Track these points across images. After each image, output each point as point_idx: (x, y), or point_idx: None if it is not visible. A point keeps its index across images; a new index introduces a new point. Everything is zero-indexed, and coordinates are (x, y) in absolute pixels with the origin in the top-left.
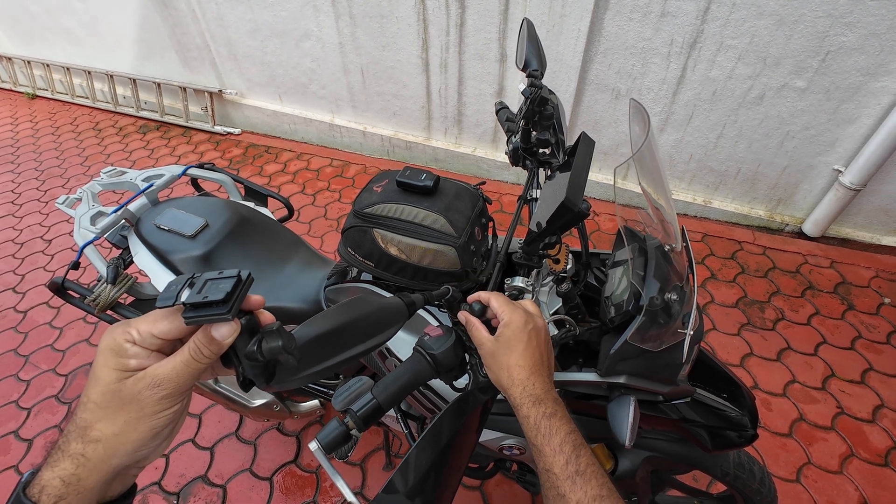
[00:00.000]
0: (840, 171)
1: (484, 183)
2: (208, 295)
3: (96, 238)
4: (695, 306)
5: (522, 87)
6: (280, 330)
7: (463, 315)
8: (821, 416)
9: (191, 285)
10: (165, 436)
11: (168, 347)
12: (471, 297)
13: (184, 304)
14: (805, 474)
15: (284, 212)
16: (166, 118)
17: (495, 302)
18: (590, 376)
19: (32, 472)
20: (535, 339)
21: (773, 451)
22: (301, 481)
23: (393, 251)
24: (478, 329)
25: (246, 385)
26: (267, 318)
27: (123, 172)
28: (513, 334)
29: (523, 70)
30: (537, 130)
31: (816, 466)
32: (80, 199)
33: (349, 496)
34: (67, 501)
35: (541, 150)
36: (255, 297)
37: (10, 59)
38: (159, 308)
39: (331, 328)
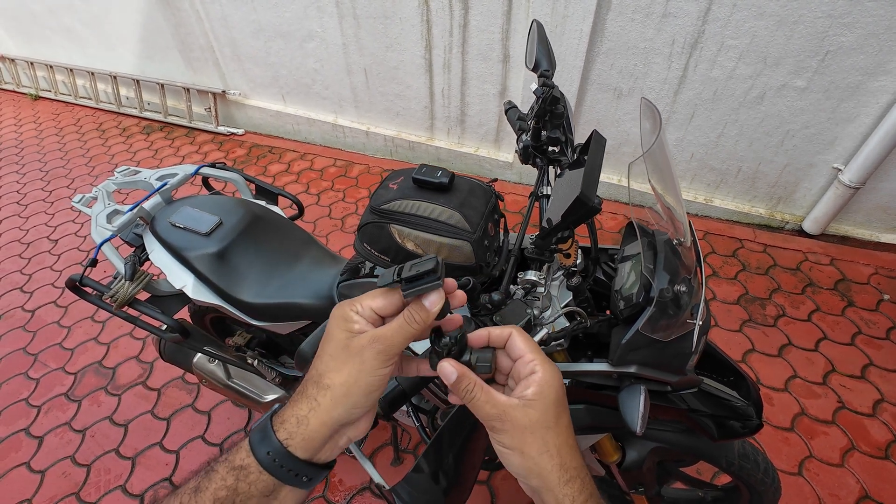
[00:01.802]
0: (839, 170)
1: (496, 180)
2: (419, 269)
3: (113, 235)
4: (703, 299)
5: (534, 86)
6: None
7: (451, 366)
8: (822, 410)
9: (400, 271)
10: (373, 401)
11: (380, 323)
12: (474, 336)
13: (402, 279)
14: (807, 467)
15: (294, 210)
16: (170, 119)
17: (522, 343)
18: (601, 366)
19: (279, 407)
20: (567, 404)
21: (775, 445)
22: None
23: (410, 246)
24: (488, 392)
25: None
26: (460, 296)
27: (137, 171)
28: (557, 398)
29: (533, 70)
30: (548, 129)
31: (818, 459)
32: (95, 198)
33: (376, 478)
34: (294, 441)
35: (551, 149)
36: (450, 280)
37: (12, 60)
38: (380, 287)
39: None
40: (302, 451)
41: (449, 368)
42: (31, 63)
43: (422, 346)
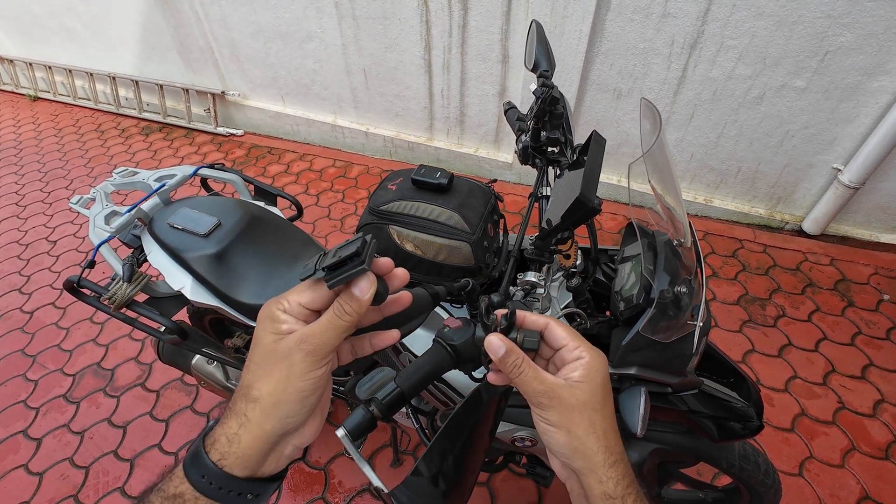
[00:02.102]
0: (839, 170)
1: (495, 181)
2: (341, 255)
3: (111, 237)
4: (703, 300)
5: (534, 86)
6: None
7: (498, 340)
8: (822, 410)
9: (323, 257)
10: (311, 406)
11: (313, 318)
12: (519, 316)
13: (323, 269)
14: (807, 468)
15: (293, 211)
16: (169, 120)
17: (563, 332)
18: None
19: (213, 425)
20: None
21: (775, 446)
22: (310, 478)
23: (409, 247)
24: (536, 369)
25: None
26: (400, 274)
27: (136, 172)
28: (604, 382)
29: (533, 71)
30: (547, 129)
31: (818, 460)
32: (93, 199)
33: (375, 481)
34: (229, 461)
35: (550, 149)
36: (384, 259)
37: (11, 61)
38: (302, 280)
39: None
40: (240, 469)
41: (497, 342)
42: (30, 64)
43: (422, 348)
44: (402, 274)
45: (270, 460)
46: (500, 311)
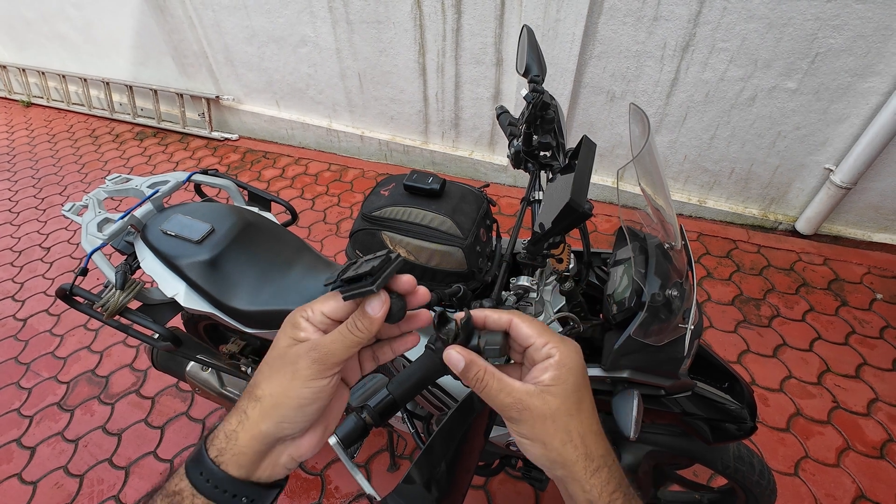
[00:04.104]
0: (831, 170)
1: (488, 185)
2: (359, 270)
3: (104, 244)
4: (695, 302)
5: (524, 91)
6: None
7: (458, 353)
8: (817, 410)
9: (350, 266)
10: (308, 416)
11: (335, 328)
12: (475, 315)
13: (341, 280)
14: (803, 468)
15: (287, 216)
16: (163, 125)
17: (528, 328)
18: (594, 371)
19: (218, 424)
20: (589, 383)
21: (771, 446)
22: (306, 484)
23: (401, 253)
24: (501, 380)
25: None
26: (421, 293)
27: (128, 179)
28: (578, 382)
29: (524, 75)
30: (539, 134)
31: (814, 460)
32: (86, 206)
33: (367, 489)
34: (225, 458)
35: (542, 153)
36: (405, 278)
37: (4, 66)
38: (325, 285)
39: None
40: (235, 468)
41: (455, 356)
42: (23, 69)
43: (415, 354)
44: (422, 293)
45: (265, 465)
46: (459, 315)
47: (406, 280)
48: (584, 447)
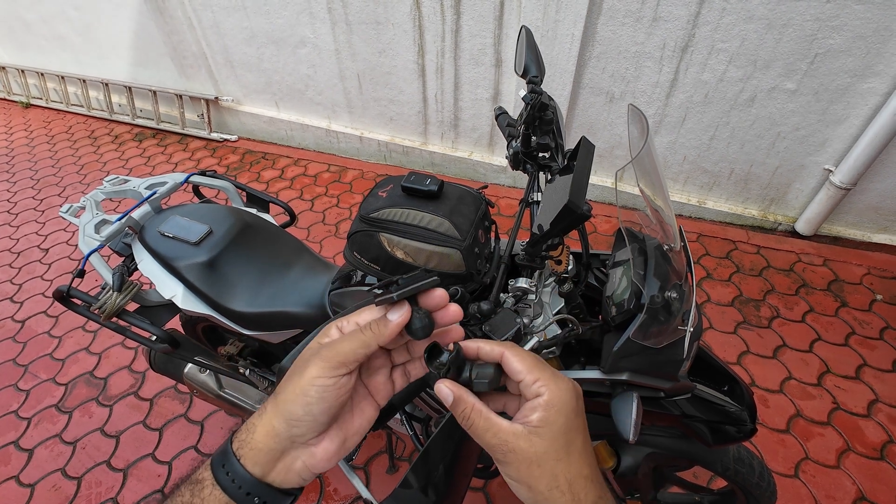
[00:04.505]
0: (831, 171)
1: (486, 187)
2: (395, 280)
3: (101, 246)
4: (694, 304)
5: (523, 93)
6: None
7: (447, 388)
8: (817, 411)
9: (393, 282)
10: (314, 416)
11: None
12: (467, 346)
13: (375, 289)
14: (803, 469)
15: (286, 217)
16: (162, 126)
17: (518, 364)
18: (593, 374)
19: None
20: (585, 425)
21: (771, 447)
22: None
23: (399, 255)
24: (488, 419)
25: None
26: (453, 311)
27: (126, 180)
28: (569, 423)
29: (523, 76)
30: (537, 135)
31: (814, 461)
32: (83, 208)
33: (364, 493)
34: (244, 451)
35: (541, 154)
36: (438, 293)
37: (3, 68)
38: (371, 291)
39: None
40: (251, 463)
41: (445, 391)
42: (22, 71)
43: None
44: (454, 311)
45: (280, 468)
46: (455, 337)
47: (438, 295)
48: (571, 493)
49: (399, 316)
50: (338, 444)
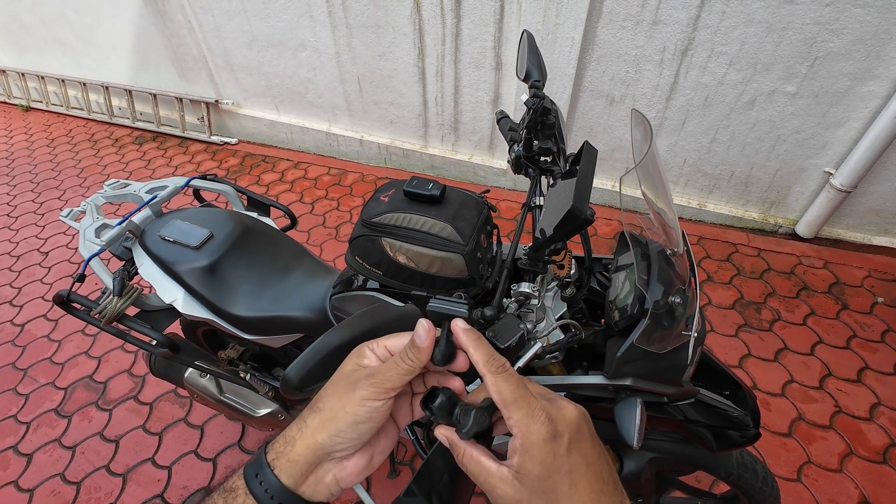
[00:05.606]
0: (831, 174)
1: (488, 191)
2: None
3: (102, 250)
4: (697, 309)
5: (525, 97)
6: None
7: (443, 434)
8: (819, 415)
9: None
10: (359, 434)
11: None
12: (460, 390)
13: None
14: (806, 473)
15: (286, 221)
16: (163, 129)
17: (498, 397)
18: (597, 379)
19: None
20: (582, 458)
21: (773, 451)
22: None
23: (401, 259)
24: (479, 463)
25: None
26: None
27: (127, 184)
28: (548, 469)
29: (524, 81)
30: (539, 139)
31: (816, 465)
32: (84, 212)
33: (366, 499)
34: (280, 462)
35: (542, 159)
36: (460, 326)
37: (3, 71)
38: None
39: (355, 336)
40: (286, 475)
41: (441, 437)
42: (22, 74)
43: None
44: (461, 362)
45: (311, 481)
46: (454, 386)
47: (459, 330)
48: None
49: (425, 336)
50: (366, 460)
